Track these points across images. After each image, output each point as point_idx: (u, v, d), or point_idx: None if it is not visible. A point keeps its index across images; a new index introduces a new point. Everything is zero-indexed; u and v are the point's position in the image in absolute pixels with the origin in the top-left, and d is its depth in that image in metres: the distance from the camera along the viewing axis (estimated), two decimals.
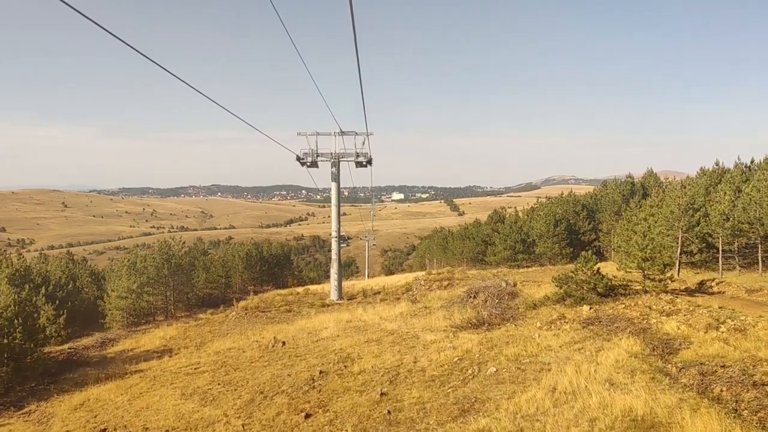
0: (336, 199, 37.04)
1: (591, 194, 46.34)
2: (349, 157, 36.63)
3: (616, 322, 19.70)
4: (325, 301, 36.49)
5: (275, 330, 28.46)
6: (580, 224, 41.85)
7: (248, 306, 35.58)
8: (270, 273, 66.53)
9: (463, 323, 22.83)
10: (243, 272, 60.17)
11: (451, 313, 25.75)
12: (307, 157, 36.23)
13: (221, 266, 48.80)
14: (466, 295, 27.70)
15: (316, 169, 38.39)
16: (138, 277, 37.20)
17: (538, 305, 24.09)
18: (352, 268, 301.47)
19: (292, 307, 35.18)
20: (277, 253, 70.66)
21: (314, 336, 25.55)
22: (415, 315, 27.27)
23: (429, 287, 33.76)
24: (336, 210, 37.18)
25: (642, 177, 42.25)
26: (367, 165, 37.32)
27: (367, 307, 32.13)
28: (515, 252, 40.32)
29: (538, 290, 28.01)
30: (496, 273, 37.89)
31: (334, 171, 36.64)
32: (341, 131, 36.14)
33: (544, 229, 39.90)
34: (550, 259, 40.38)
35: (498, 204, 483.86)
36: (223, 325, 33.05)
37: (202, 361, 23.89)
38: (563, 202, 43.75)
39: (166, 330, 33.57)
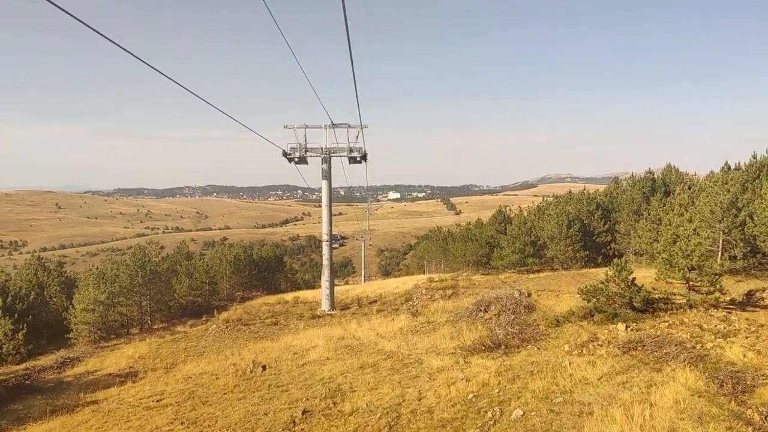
0: (327, 198, 33.49)
1: (606, 192, 42.83)
2: (342, 152, 33.08)
3: (664, 347, 16.20)
4: (315, 312, 32.93)
5: (257, 349, 24.90)
6: (594, 225, 38.36)
7: (230, 318, 31.98)
8: (260, 277, 62.92)
9: (475, 344, 19.30)
10: (231, 277, 56.56)
11: (459, 330, 22.23)
12: (294, 152, 32.67)
13: (205, 272, 45.20)
14: (475, 307, 24.18)
15: (306, 166, 34.89)
16: (109, 286, 33.56)
17: (561, 322, 20.59)
18: (348, 268, 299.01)
19: (278, 319, 31.61)
20: (268, 256, 67.00)
21: (300, 358, 22.00)
22: (417, 331, 23.74)
23: (431, 297, 30.22)
24: (327, 211, 33.62)
25: (661, 173, 38.81)
26: (361, 161, 33.79)
27: (362, 320, 28.59)
28: (524, 255, 36.83)
29: (558, 302, 24.51)
30: (505, 279, 34.37)
31: (324, 168, 33.08)
32: (332, 123, 32.60)
33: (556, 231, 36.40)
34: (562, 263, 36.92)
35: (495, 203, 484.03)
36: (200, 341, 29.46)
37: (168, 390, 20.30)
38: (575, 201, 40.25)
39: (137, 347, 29.95)
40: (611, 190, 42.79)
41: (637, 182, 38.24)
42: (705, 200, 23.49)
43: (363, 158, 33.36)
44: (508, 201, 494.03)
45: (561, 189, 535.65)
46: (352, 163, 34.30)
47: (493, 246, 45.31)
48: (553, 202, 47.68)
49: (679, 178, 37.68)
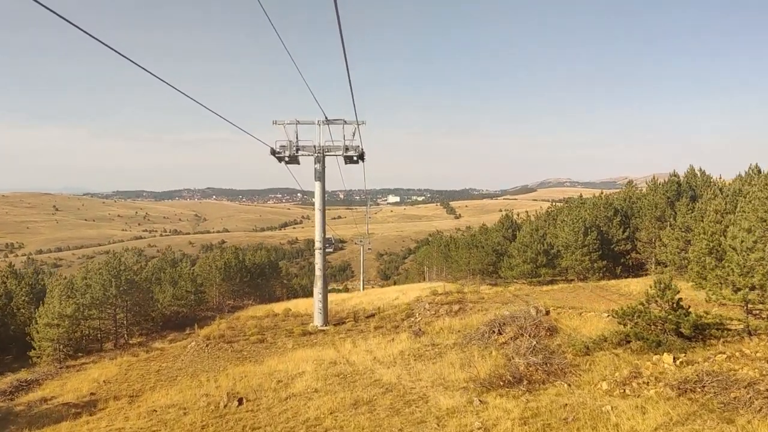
0: (320, 201, 30.31)
1: (624, 196, 39.59)
2: (337, 151, 29.91)
3: (731, 389, 13.02)
4: (307, 327, 29.71)
5: (237, 374, 21.69)
6: (612, 232, 35.18)
7: (212, 335, 28.77)
8: (253, 284, 59.76)
9: (491, 377, 16.11)
10: (221, 285, 53.40)
11: (470, 356, 19.05)
12: (284, 151, 29.50)
13: (191, 280, 41.99)
14: (487, 328, 20.99)
15: (299, 166, 31.73)
16: (79, 297, 30.38)
17: (592, 349, 17.40)
18: (347, 272, 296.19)
19: (265, 336, 28.39)
20: (262, 262, 63.83)
21: (284, 388, 18.80)
22: (421, 356, 20.55)
23: (435, 312, 27.04)
24: (320, 215, 30.45)
25: (684, 176, 35.66)
26: (358, 160, 30.63)
27: (357, 339, 25.40)
28: (536, 266, 33.69)
29: (583, 323, 21.32)
30: (516, 292, 31.22)
31: (317, 168, 29.92)
32: (326, 119, 29.45)
33: (572, 239, 33.24)
34: (578, 274, 33.78)
35: (495, 207, 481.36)
36: (176, 361, 26.25)
37: (126, 429, 17.10)
38: (592, 206, 37.05)
39: (106, 368, 26.76)
40: (629, 194, 39.61)
41: (659, 186, 35.04)
42: (751, 206, 20.36)
43: (360, 158, 30.22)
44: (508, 205, 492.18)
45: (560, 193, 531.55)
46: (348, 163, 31.16)
47: (500, 254, 42.18)
48: (564, 207, 44.48)
49: (705, 182, 34.44)
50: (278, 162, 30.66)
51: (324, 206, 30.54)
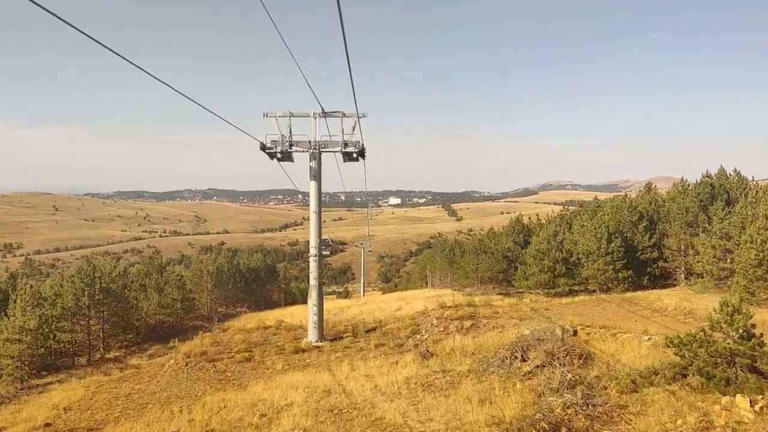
0: (315, 203, 27.21)
1: (649, 199, 36.38)
2: (334, 147, 26.83)
3: None
4: (300, 343, 26.61)
5: (215, 403, 18.60)
6: (637, 239, 32.04)
7: (193, 352, 25.65)
8: (247, 290, 56.75)
9: (521, 423, 12.99)
10: (212, 291, 50.36)
11: (490, 388, 15.93)
12: (276, 146, 26.43)
13: (177, 287, 38.93)
14: (508, 353, 17.86)
15: (293, 164, 28.70)
16: (49, 308, 27.32)
17: (639, 384, 14.28)
18: (347, 274, 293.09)
19: (253, 353, 25.29)
20: (257, 266, 60.77)
21: (267, 425, 15.70)
22: (430, 385, 17.42)
23: (445, 329, 23.94)
24: (315, 218, 27.35)
25: (715, 177, 32.53)
26: (358, 158, 27.58)
27: (356, 359, 22.29)
28: (554, 275, 30.55)
29: (620, 347, 18.19)
30: (533, 305, 28.11)
31: (313, 165, 26.82)
32: (323, 111, 26.39)
33: (594, 246, 30.08)
34: (601, 285, 30.67)
35: (496, 209, 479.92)
36: (151, 383, 23.18)
37: None
38: (615, 210, 33.82)
39: (72, 389, 23.70)
40: (654, 197, 36.43)
41: (688, 189, 31.86)
42: None
43: (360, 155, 27.14)
44: (509, 207, 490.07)
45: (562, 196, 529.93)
46: (347, 161, 28.10)
47: (511, 260, 39.09)
48: (580, 210, 41.25)
49: (740, 184, 31.33)
50: (270, 159, 27.61)
51: (320, 208, 27.47)
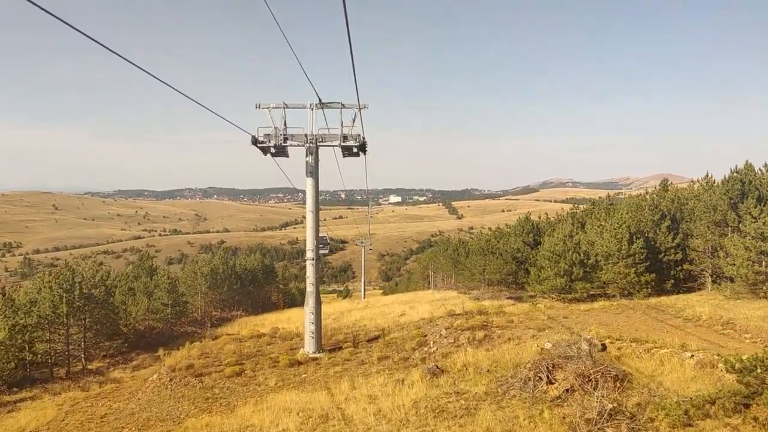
0: (313, 202, 24.92)
1: (671, 196, 33.92)
2: (333, 141, 24.54)
3: None
4: (296, 354, 24.40)
5: (197, 430, 16.42)
6: (660, 239, 29.71)
7: (179, 365, 23.44)
8: (244, 292, 54.53)
9: None
10: (207, 293, 48.16)
11: (513, 417, 13.72)
12: (269, 140, 24.15)
13: (167, 291, 36.71)
14: (531, 373, 15.63)
15: (289, 159, 26.41)
16: (24, 317, 25.12)
17: (692, 416, 12.07)
18: (348, 272, 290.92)
19: (244, 366, 23.07)
20: (254, 267, 58.54)
21: None
22: (442, 411, 15.20)
23: (455, 340, 21.71)
24: (313, 218, 25.06)
25: (741, 173, 30.21)
26: (359, 153, 25.32)
27: (356, 375, 20.08)
28: (571, 279, 28.20)
29: (658, 366, 15.94)
30: (548, 311, 25.88)
31: (309, 161, 24.54)
32: (320, 102, 24.14)
33: (614, 247, 27.74)
34: (621, 290, 28.38)
35: (497, 207, 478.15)
36: (130, 402, 20.97)
37: None
38: (634, 208, 31.36)
39: (44, 407, 21.53)
40: (676, 194, 34.03)
41: (714, 185, 29.60)
42: None
43: (361, 149, 24.87)
44: (510, 205, 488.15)
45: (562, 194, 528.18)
46: (347, 156, 25.84)
47: (520, 262, 36.86)
48: (594, 208, 38.91)
49: None
50: (263, 154, 25.35)
51: (317, 207, 25.19)
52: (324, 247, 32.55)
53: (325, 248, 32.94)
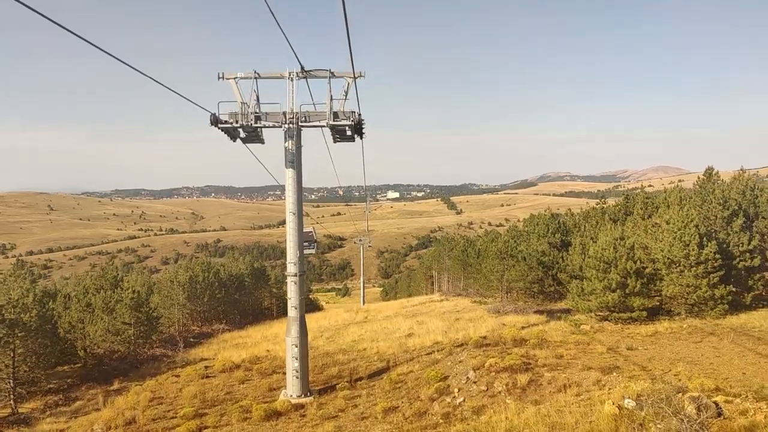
0: (294, 201, 18.99)
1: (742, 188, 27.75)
2: (319, 120, 18.66)
3: None
4: (274, 401, 18.59)
5: None
6: (733, 241, 23.83)
7: (116, 421, 17.61)
8: (229, 301, 48.69)
9: None
10: (185, 304, 42.30)
11: None
12: (236, 119, 18.28)
13: (132, 308, 30.85)
14: None
15: (265, 147, 20.64)
16: None
17: None
18: (346, 270, 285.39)
19: (205, 420, 17.29)
20: (240, 273, 52.67)
21: None
22: None
23: (488, 386, 15.92)
24: (295, 224, 19.11)
25: None
26: (354, 136, 19.49)
27: None
28: (626, 293, 22.14)
29: None
30: (603, 337, 20.11)
31: (289, 146, 18.66)
32: (303, 70, 18.32)
33: (679, 252, 21.82)
34: (690, 307, 22.46)
35: (496, 202, 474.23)
36: None
37: None
38: (699, 201, 25.24)
39: None
40: (748, 184, 27.78)
41: None
42: None
43: (356, 130, 19.01)
44: (509, 200, 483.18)
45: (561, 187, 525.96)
46: (339, 140, 20.03)
47: (547, 267, 31.13)
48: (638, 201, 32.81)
49: None
50: (231, 140, 19.55)
51: (300, 207, 19.30)
52: (310, 246, 26.24)
53: (312, 247, 26.61)
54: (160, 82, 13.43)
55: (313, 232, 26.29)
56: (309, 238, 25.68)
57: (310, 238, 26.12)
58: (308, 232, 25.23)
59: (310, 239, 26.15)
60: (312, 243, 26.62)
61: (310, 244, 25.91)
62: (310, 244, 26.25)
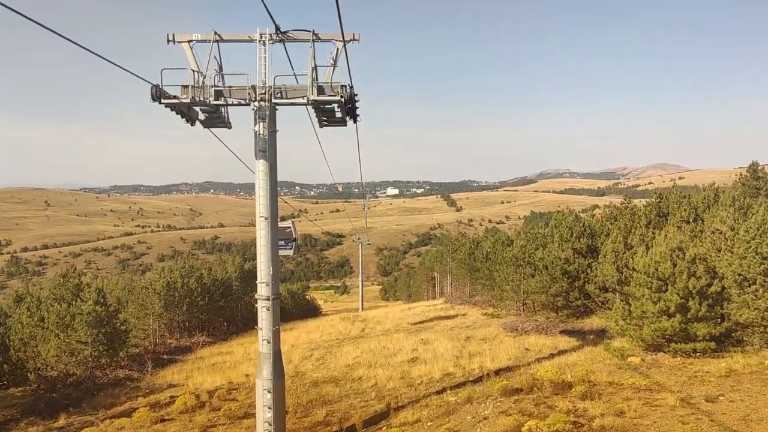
0: (267, 201, 14.50)
1: None
2: (299, 95, 14.19)
3: None
4: None
5: None
6: None
7: None
8: (214, 308, 44.24)
9: None
10: (162, 314, 37.93)
11: None
12: (188, 94, 13.82)
13: (89, 324, 26.39)
14: None
15: (231, 130, 16.17)
16: None
17: None
18: (345, 267, 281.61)
19: None
20: (226, 278, 48.21)
21: None
22: None
23: None
24: (268, 229, 14.63)
25: None
26: (346, 118, 15.02)
27: None
28: (687, 319, 17.47)
29: None
30: (664, 379, 15.72)
31: (260, 130, 14.14)
32: (279, 31, 13.91)
33: (756, 268, 17.15)
34: (764, 334, 18.07)
35: (496, 198, 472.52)
36: None
37: None
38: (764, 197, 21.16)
39: None
40: None
41: None
42: None
43: (349, 112, 14.54)
44: (509, 196, 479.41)
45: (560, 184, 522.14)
46: (326, 124, 15.61)
47: (573, 278, 26.78)
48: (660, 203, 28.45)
49: None
50: (188, 123, 15.15)
51: (275, 212, 14.86)
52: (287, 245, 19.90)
53: (289, 247, 20.06)
54: None
55: (291, 228, 20.05)
56: (286, 236, 19.63)
57: (288, 236, 19.85)
58: (285, 227, 19.49)
59: (288, 237, 19.94)
60: (289, 242, 20.19)
61: (287, 244, 19.77)
62: (287, 243, 19.95)
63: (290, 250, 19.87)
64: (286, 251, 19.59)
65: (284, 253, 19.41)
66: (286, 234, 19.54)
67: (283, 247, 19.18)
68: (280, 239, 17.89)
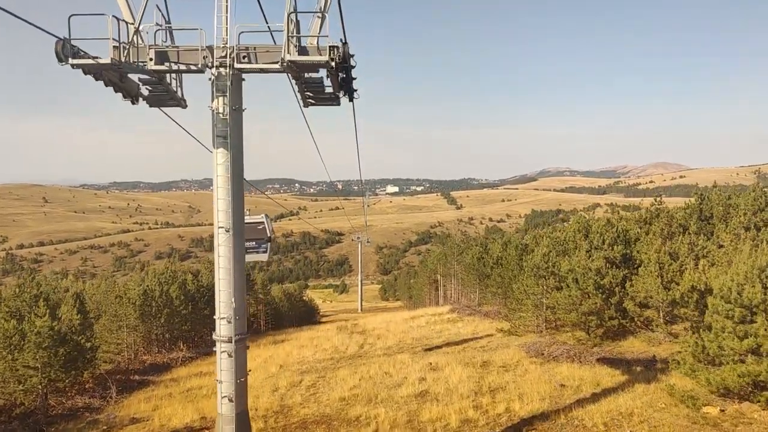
0: (228, 208, 10.51)
1: None
2: (272, 58, 10.22)
3: None
4: None
5: None
6: None
7: None
8: (197, 318, 40.31)
9: None
10: (138, 326, 33.97)
11: None
12: (121, 57, 9.87)
13: (37, 346, 22.41)
14: None
15: (189, 112, 12.15)
16: None
17: None
18: (344, 266, 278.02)
19: None
20: (212, 284, 44.22)
21: None
22: None
23: None
24: (230, 249, 10.61)
25: None
26: (338, 94, 11.04)
27: None
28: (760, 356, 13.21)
29: None
30: None
31: (218, 107, 10.21)
32: None
33: None
34: None
35: (496, 197, 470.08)
36: None
37: None
38: None
39: None
40: None
41: None
42: None
43: (342, 83, 10.57)
44: (510, 195, 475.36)
45: (561, 182, 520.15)
46: (312, 101, 11.59)
47: (608, 293, 22.81)
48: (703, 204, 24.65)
49: None
50: (129, 100, 11.14)
51: (241, 220, 10.87)
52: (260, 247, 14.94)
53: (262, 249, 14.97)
54: None
55: (265, 224, 15.16)
56: (258, 235, 14.94)
57: (261, 234, 15.07)
58: (257, 223, 14.74)
59: (261, 237, 15.15)
60: (263, 243, 15.32)
61: (259, 245, 15.01)
62: (260, 244, 15.12)
63: (264, 254, 15.29)
64: (259, 255, 15.16)
65: (257, 258, 15.11)
66: (258, 232, 14.98)
67: (255, 249, 14.79)
68: (252, 239, 13.69)
